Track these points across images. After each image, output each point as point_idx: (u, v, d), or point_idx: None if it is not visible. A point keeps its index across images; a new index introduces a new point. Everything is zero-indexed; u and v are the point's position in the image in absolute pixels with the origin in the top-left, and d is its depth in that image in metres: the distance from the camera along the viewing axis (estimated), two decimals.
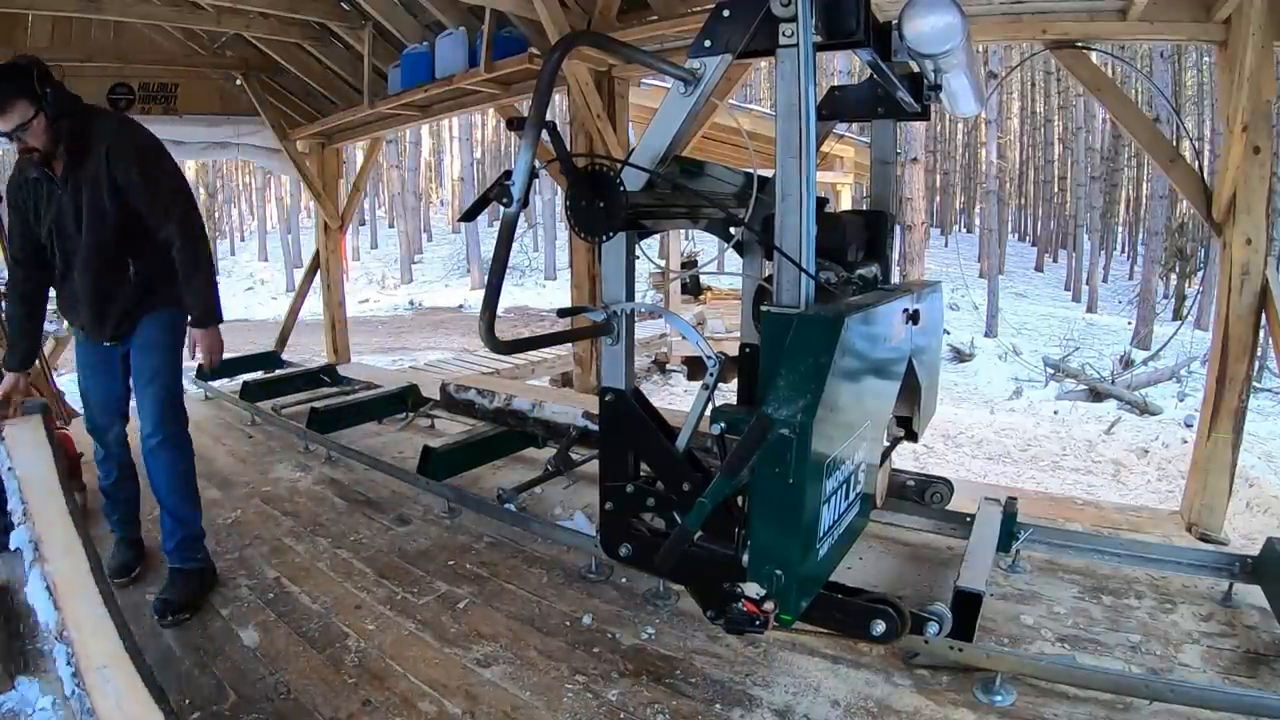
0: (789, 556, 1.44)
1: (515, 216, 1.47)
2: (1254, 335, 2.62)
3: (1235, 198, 2.57)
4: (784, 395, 1.42)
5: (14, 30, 4.91)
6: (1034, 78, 26.69)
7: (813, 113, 1.51)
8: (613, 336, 1.86)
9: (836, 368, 1.44)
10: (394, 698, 1.82)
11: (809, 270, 1.55)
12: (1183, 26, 2.68)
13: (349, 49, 5.37)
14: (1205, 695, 1.68)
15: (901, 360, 2.04)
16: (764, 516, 1.45)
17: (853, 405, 1.60)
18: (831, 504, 1.57)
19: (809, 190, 1.55)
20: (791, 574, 1.44)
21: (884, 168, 2.52)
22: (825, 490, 1.51)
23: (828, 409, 1.43)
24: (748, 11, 1.56)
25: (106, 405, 2.43)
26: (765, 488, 1.43)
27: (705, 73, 1.68)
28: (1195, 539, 2.67)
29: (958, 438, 6.53)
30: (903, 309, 1.99)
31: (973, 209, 30.77)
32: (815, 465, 1.43)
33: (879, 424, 1.91)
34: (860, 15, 1.57)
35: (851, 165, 10.15)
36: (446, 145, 32.79)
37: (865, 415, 1.70)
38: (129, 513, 2.56)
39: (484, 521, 2.88)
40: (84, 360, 2.42)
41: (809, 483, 1.41)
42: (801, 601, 1.52)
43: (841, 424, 1.54)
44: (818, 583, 1.64)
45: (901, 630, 1.70)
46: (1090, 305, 19.37)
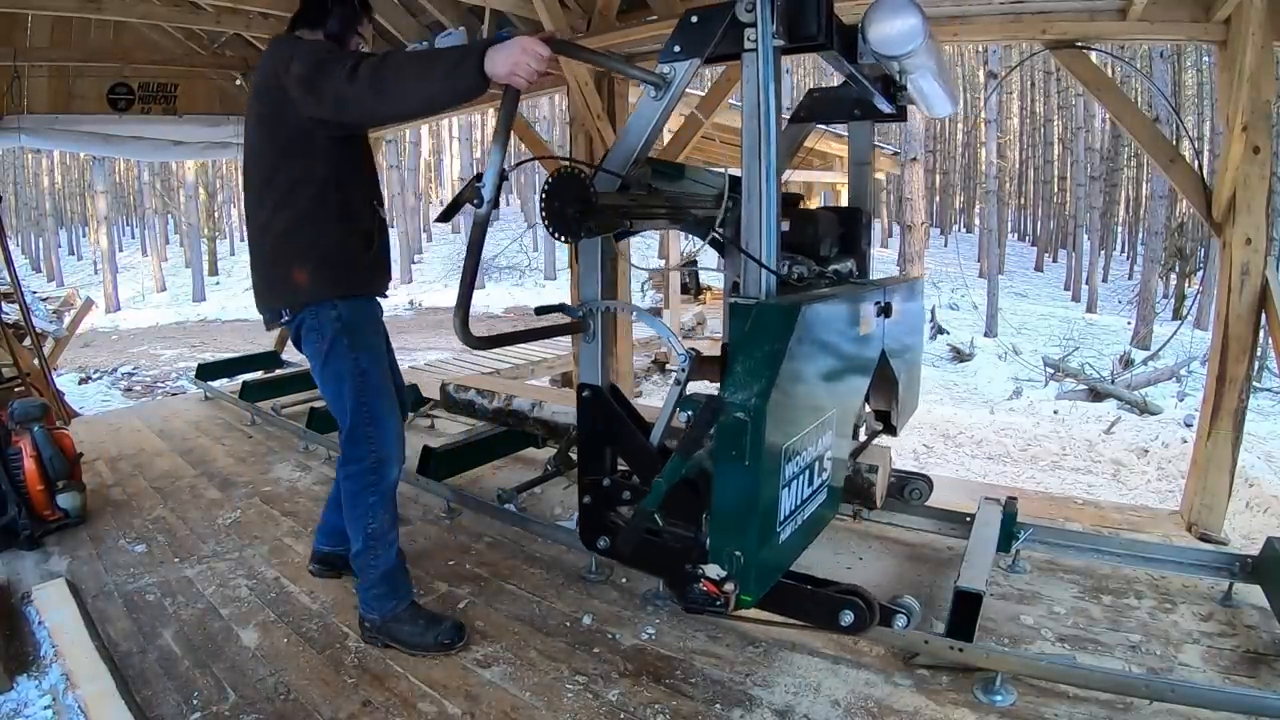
0: (747, 538, 1.48)
1: (486, 216, 1.53)
2: (1254, 335, 2.62)
3: (1235, 197, 2.57)
4: (740, 380, 1.46)
5: (14, 30, 4.91)
6: (1034, 78, 26.70)
7: (773, 115, 1.58)
8: (589, 334, 1.93)
9: (792, 355, 1.49)
10: (394, 698, 1.82)
11: (768, 265, 1.62)
12: (1182, 26, 2.68)
13: None
14: (1205, 695, 1.68)
15: (872, 353, 2.09)
16: (723, 499, 1.49)
17: (813, 393, 1.65)
18: (792, 490, 1.60)
19: (769, 188, 1.61)
20: (750, 556, 1.48)
21: (861, 167, 2.61)
22: (784, 475, 1.54)
23: (784, 395, 1.47)
24: (714, 18, 1.63)
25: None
26: (723, 470, 1.47)
27: (675, 77, 1.75)
28: (1195, 539, 2.68)
29: (958, 437, 6.52)
30: (873, 302, 2.04)
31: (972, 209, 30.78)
32: (772, 450, 1.47)
33: (847, 415, 1.96)
34: (822, 20, 1.61)
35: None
36: (446, 145, 32.79)
37: (828, 404, 1.74)
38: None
39: (484, 521, 2.89)
40: (381, 340, 2.07)
41: (765, 466, 1.45)
42: (762, 583, 1.57)
43: (800, 411, 1.59)
44: (780, 567, 1.68)
45: (870, 622, 1.77)
46: (1090, 305, 19.37)
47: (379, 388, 1.99)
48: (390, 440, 2.00)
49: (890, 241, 27.34)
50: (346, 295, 1.94)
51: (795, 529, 1.67)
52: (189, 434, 4.26)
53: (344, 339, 1.93)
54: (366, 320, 1.99)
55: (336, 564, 2.35)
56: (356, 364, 1.95)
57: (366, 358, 1.96)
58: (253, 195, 1.95)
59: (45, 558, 2.64)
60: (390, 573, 2.02)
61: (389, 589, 2.02)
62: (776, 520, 1.56)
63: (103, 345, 13.81)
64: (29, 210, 31.19)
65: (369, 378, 1.96)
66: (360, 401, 1.96)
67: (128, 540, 2.76)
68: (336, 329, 1.93)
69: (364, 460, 1.98)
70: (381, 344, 2.07)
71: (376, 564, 2.00)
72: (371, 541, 1.99)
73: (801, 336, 1.53)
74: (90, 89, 5.30)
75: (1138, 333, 14.05)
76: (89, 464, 3.47)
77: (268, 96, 1.86)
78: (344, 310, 1.93)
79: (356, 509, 2.00)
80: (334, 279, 1.92)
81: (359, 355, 1.95)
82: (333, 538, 2.31)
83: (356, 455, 1.99)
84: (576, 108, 4.14)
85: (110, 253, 21.60)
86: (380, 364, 2.02)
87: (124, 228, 34.27)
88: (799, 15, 1.60)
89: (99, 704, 1.72)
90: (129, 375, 10.75)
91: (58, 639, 2.01)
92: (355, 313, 1.95)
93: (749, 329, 1.53)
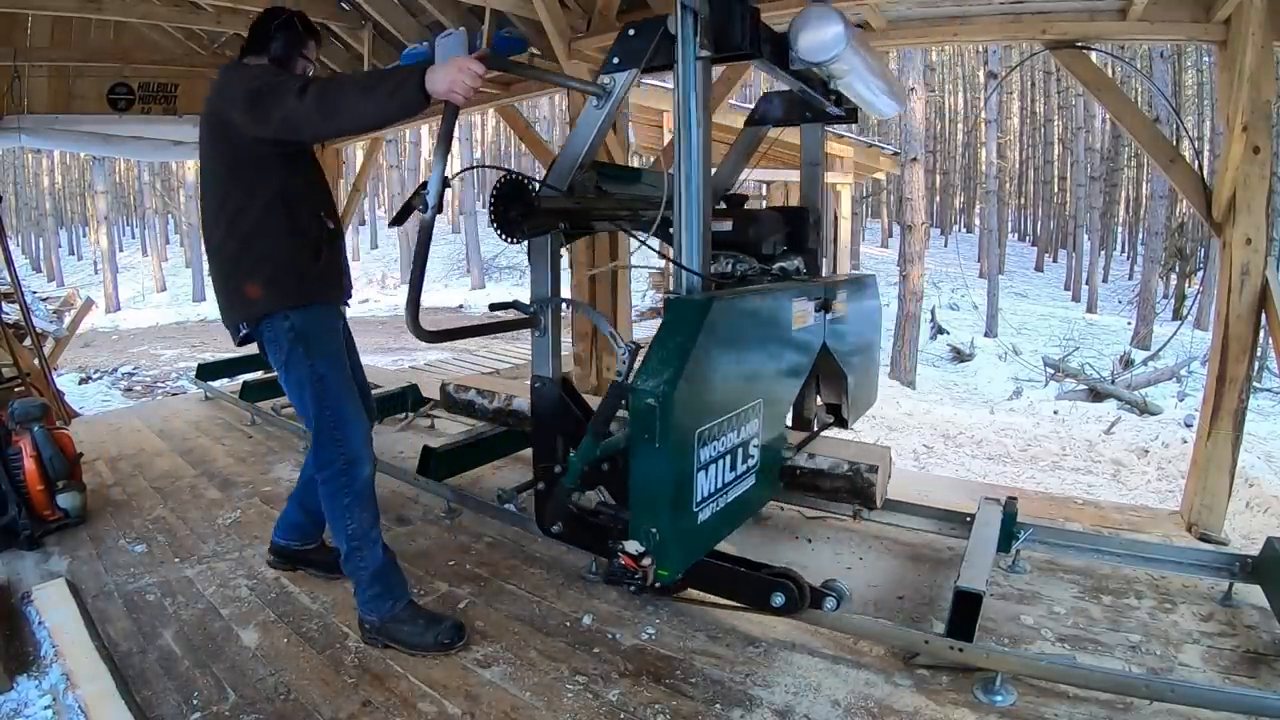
0: (661, 516, 1.58)
1: (431, 221, 1.66)
2: (1254, 335, 2.62)
3: (1235, 197, 2.57)
4: (652, 368, 1.57)
5: (14, 30, 4.91)
6: (1034, 78, 26.69)
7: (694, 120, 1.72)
8: (540, 329, 2.05)
9: (703, 347, 1.60)
10: (394, 698, 1.82)
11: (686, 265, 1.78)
12: (1182, 26, 2.68)
13: (349, 49, 5.36)
14: (1205, 695, 1.68)
15: (809, 347, 2.19)
16: (638, 478, 1.59)
17: (729, 383, 1.74)
18: (710, 473, 1.69)
19: (695, 192, 1.75)
20: (665, 533, 1.59)
21: (812, 169, 2.72)
22: (699, 459, 1.64)
23: (695, 383, 1.59)
24: (649, 31, 1.78)
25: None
26: (637, 452, 1.57)
27: (615, 87, 1.89)
28: (1195, 539, 2.68)
29: (958, 437, 6.52)
30: (810, 299, 2.14)
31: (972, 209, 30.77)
32: (682, 433, 1.58)
33: (777, 405, 2.05)
34: (746, 31, 1.76)
35: (851, 165, 10.15)
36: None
37: (751, 394, 1.84)
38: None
39: (484, 521, 2.89)
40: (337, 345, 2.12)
41: (676, 449, 1.56)
42: (679, 561, 1.67)
43: (715, 399, 1.68)
44: (700, 546, 1.77)
45: (801, 604, 1.88)
46: (1090, 305, 19.37)
47: (339, 392, 2.04)
48: (357, 441, 2.04)
49: (890, 241, 27.34)
50: (298, 305, 2.00)
51: (717, 511, 1.76)
52: (189, 434, 4.26)
53: (299, 348, 2.00)
54: (321, 328, 2.05)
55: (292, 558, 2.40)
56: (314, 370, 2.01)
57: (324, 364, 2.02)
58: (208, 216, 2.05)
59: (45, 558, 2.64)
60: (380, 572, 2.04)
61: (383, 589, 2.03)
62: (692, 501, 1.65)
63: (103, 345, 13.81)
64: (29, 210, 31.19)
65: (328, 383, 2.02)
66: (322, 406, 2.02)
67: (128, 540, 2.76)
68: (291, 339, 1.99)
69: (334, 464, 2.02)
70: (339, 349, 2.11)
71: (365, 565, 2.03)
72: (355, 543, 2.02)
73: (712, 330, 1.64)
74: (90, 89, 5.30)
75: (1138, 333, 14.06)
76: (89, 464, 3.46)
77: (215, 120, 1.96)
78: (297, 320, 2.00)
79: (334, 512, 2.04)
80: (285, 291, 1.99)
81: (315, 362, 2.01)
82: (289, 532, 2.37)
83: (327, 460, 2.03)
84: (576, 107, 4.14)
85: (110, 253, 21.60)
86: (339, 369, 2.07)
87: (124, 228, 34.27)
88: (725, 28, 1.73)
89: (99, 704, 1.72)
90: (129, 375, 10.75)
91: (58, 639, 2.01)
92: (309, 321, 2.02)
93: (664, 321, 1.66)
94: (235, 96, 1.87)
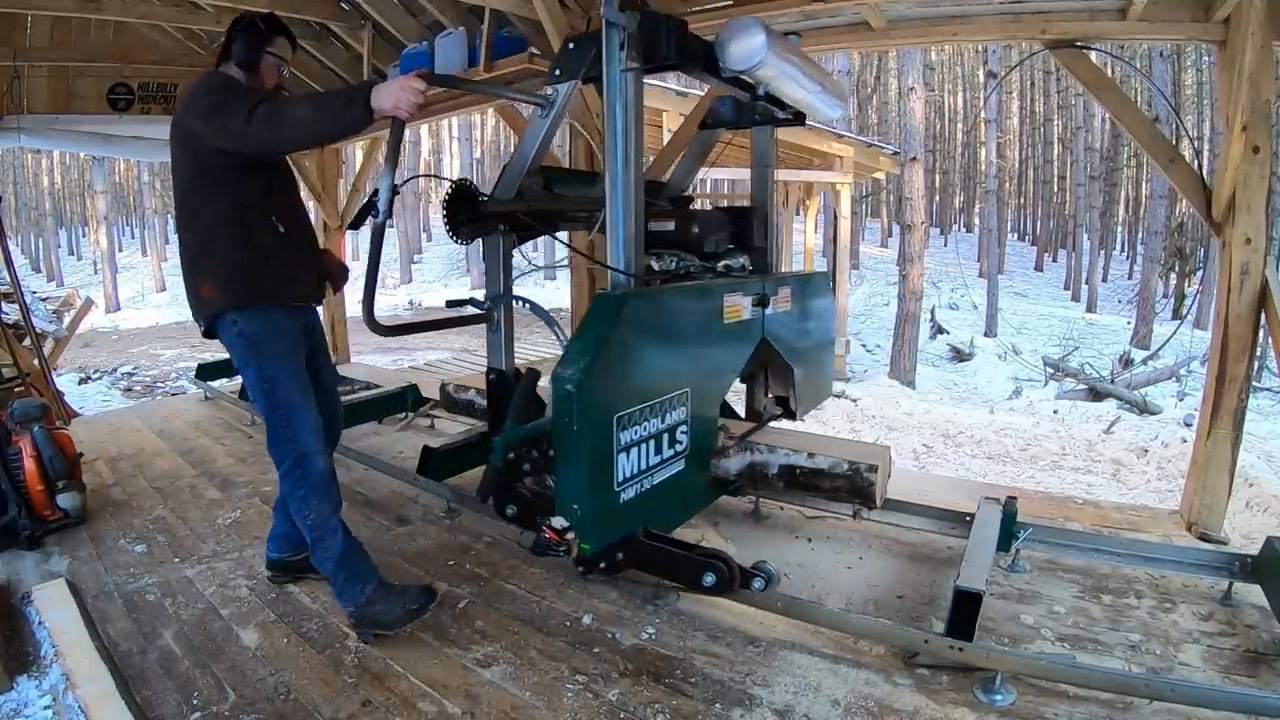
0: (581, 493, 1.71)
1: (382, 226, 1.82)
2: (1253, 334, 2.62)
3: (1235, 197, 2.57)
4: (571, 357, 1.70)
5: (14, 30, 4.91)
6: (1034, 77, 26.70)
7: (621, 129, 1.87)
8: (494, 324, 2.21)
9: (620, 337, 1.73)
10: (394, 697, 1.82)
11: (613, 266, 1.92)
12: (1182, 26, 2.68)
13: (349, 49, 5.36)
14: (1205, 694, 1.69)
15: (745, 339, 2.31)
16: (560, 458, 1.73)
17: (652, 371, 1.87)
18: (632, 455, 1.81)
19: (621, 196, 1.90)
20: (586, 509, 1.72)
21: (762, 170, 2.84)
22: (619, 441, 1.76)
23: (611, 371, 1.72)
24: (586, 45, 1.94)
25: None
26: (559, 434, 1.71)
27: (557, 97, 2.06)
28: (1195, 538, 2.68)
29: (957, 437, 6.53)
30: (746, 294, 2.27)
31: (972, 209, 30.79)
32: (600, 417, 1.71)
33: (708, 394, 2.17)
34: (672, 43, 1.91)
35: (851, 165, 10.15)
36: (446, 145, 32.78)
37: (676, 383, 1.97)
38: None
39: (484, 521, 2.88)
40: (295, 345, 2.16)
41: (593, 431, 1.69)
42: (600, 535, 1.79)
43: (635, 385, 1.81)
44: (622, 523, 1.87)
45: (731, 584, 1.99)
46: (1090, 305, 19.38)
47: (289, 390, 2.09)
48: (308, 437, 2.09)
49: (890, 241, 27.35)
50: (244, 307, 2.05)
51: (642, 491, 1.88)
52: (189, 434, 4.26)
53: (248, 350, 2.07)
54: (269, 330, 2.08)
55: (288, 569, 2.41)
56: (262, 371, 2.07)
57: (272, 365, 2.07)
58: (177, 216, 2.14)
59: (45, 558, 2.64)
60: (344, 557, 2.09)
61: (350, 574, 2.08)
62: (614, 480, 1.77)
63: (103, 345, 13.81)
64: (29, 210, 31.19)
65: (277, 383, 2.07)
66: (273, 405, 2.08)
67: (128, 540, 2.76)
68: (240, 341, 2.06)
69: (287, 459, 2.09)
70: (288, 350, 2.13)
71: (329, 553, 2.09)
72: (316, 533, 2.09)
73: (629, 323, 1.78)
74: (90, 89, 5.30)
75: (1137, 332, 14.06)
76: (89, 464, 3.47)
77: (181, 128, 2.02)
78: (244, 323, 2.05)
79: (294, 505, 2.11)
80: (231, 293, 2.05)
81: (263, 363, 2.07)
82: (279, 544, 2.39)
83: (281, 455, 2.10)
84: (575, 106, 4.14)
85: (110, 253, 21.60)
86: (288, 370, 2.10)
87: (124, 228, 34.27)
88: (653, 40, 1.89)
89: (99, 704, 1.72)
90: (129, 375, 10.75)
91: (58, 639, 2.01)
92: (256, 324, 2.06)
93: (585, 315, 1.78)
94: (196, 108, 1.95)
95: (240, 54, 2.10)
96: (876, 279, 20.97)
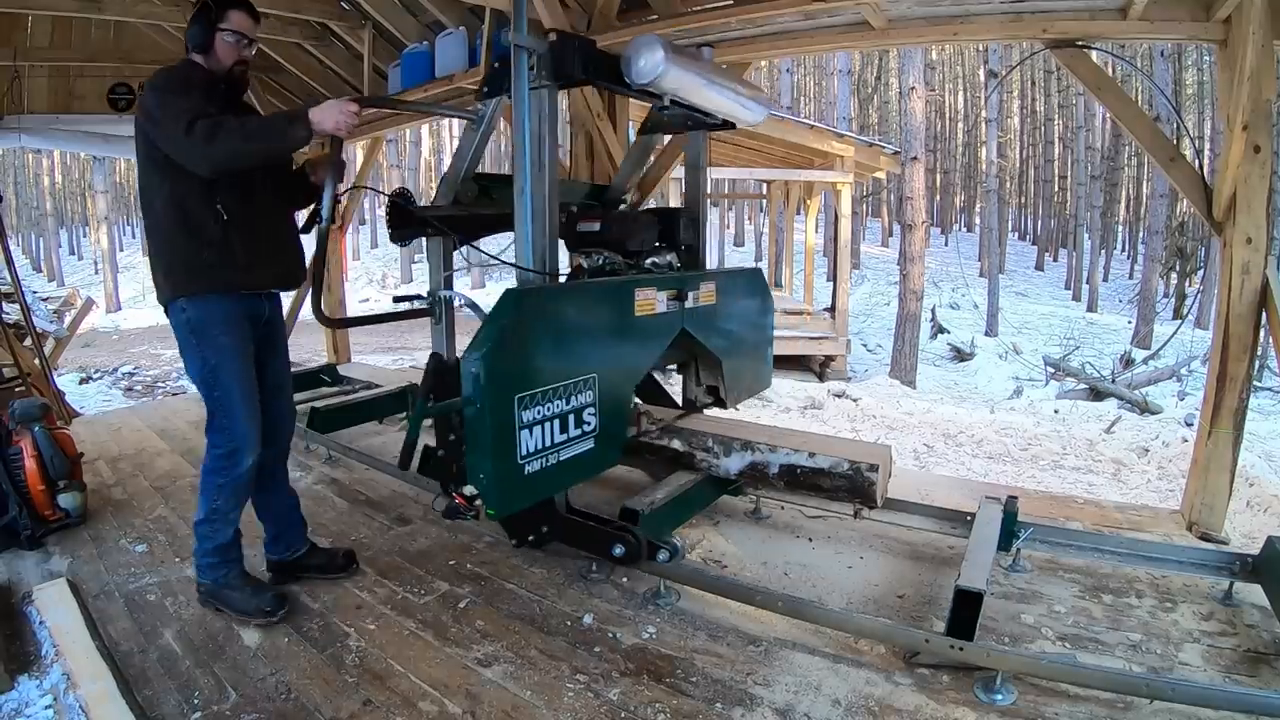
0: (486, 464, 1.88)
1: (326, 231, 2.02)
2: (1254, 334, 2.62)
3: (1235, 197, 2.57)
4: (477, 344, 1.87)
5: (14, 30, 4.91)
6: (1034, 77, 26.69)
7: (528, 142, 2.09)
8: (436, 318, 2.40)
9: (519, 327, 1.94)
10: (394, 697, 1.82)
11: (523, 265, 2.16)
12: (1183, 26, 2.68)
13: (349, 49, 5.37)
14: (1206, 694, 1.69)
15: (661, 331, 2.48)
16: (468, 432, 1.90)
17: (554, 357, 2.05)
18: (535, 433, 1.98)
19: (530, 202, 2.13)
20: (490, 479, 1.89)
21: (694, 172, 3.03)
22: (521, 419, 1.94)
23: (511, 356, 1.91)
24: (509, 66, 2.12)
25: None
26: (466, 411, 1.89)
27: (486, 113, 2.32)
28: (1196, 538, 2.68)
29: (958, 437, 6.52)
30: (662, 289, 2.45)
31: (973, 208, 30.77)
32: (501, 396, 1.88)
33: (619, 379, 2.33)
34: (579, 62, 2.12)
35: (852, 164, 10.15)
36: (446, 145, 32.77)
37: (583, 368, 2.14)
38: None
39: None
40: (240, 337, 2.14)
41: (496, 409, 1.87)
42: (505, 503, 1.96)
43: (536, 370, 1.99)
44: (528, 493, 2.04)
45: (639, 555, 2.21)
46: (1090, 304, 19.37)
47: (230, 382, 2.11)
48: (242, 431, 2.12)
49: (891, 241, 27.34)
50: (191, 295, 2.07)
51: (548, 465, 2.04)
52: (189, 434, 4.26)
53: (193, 338, 2.09)
54: (214, 319, 2.09)
55: (288, 569, 2.42)
56: (205, 361, 2.10)
57: (214, 355, 2.09)
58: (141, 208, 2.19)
59: (46, 558, 2.64)
60: (225, 547, 2.20)
61: (221, 560, 2.19)
62: (516, 454, 1.94)
63: (103, 345, 13.81)
64: (29, 210, 31.21)
65: (219, 373, 2.10)
66: (212, 394, 2.11)
67: (128, 540, 2.77)
68: (186, 328, 2.09)
69: (220, 447, 2.13)
70: (232, 342, 2.12)
71: (214, 537, 2.17)
72: (213, 516, 2.16)
73: (528, 314, 1.97)
74: (90, 89, 5.31)
75: (1138, 332, 14.06)
76: (90, 464, 3.47)
77: (138, 123, 2.05)
78: (191, 311, 2.08)
79: (207, 486, 2.16)
80: (178, 281, 2.08)
81: (206, 353, 2.09)
82: (273, 546, 2.42)
83: (213, 442, 2.15)
84: (577, 108, 4.14)
85: (110, 252, 21.59)
86: (232, 359, 2.11)
87: (124, 227, 34.26)
88: (562, 60, 2.11)
89: (100, 704, 1.73)
90: (129, 375, 10.75)
91: (58, 639, 2.02)
92: (202, 313, 2.08)
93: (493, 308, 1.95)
94: (144, 103, 2.00)
95: (194, 38, 2.10)
96: (877, 278, 20.96)
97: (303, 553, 2.43)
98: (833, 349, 10.07)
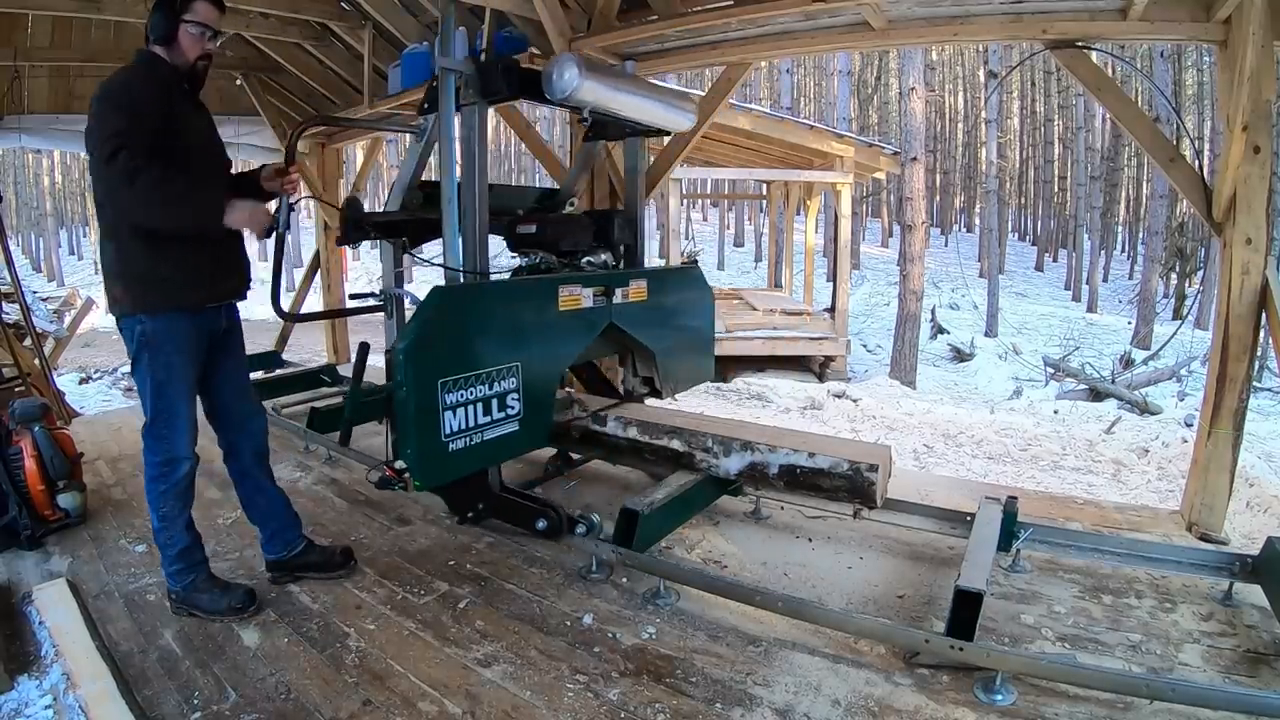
0: (411, 441, 2.09)
1: (283, 236, 2.16)
2: (1254, 334, 2.62)
3: (1235, 197, 2.57)
4: (404, 334, 2.10)
5: (14, 30, 4.91)
6: (1034, 77, 26.67)
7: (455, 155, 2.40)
8: (389, 314, 2.61)
9: (441, 319, 2.14)
10: (394, 697, 1.82)
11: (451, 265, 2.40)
12: (1183, 26, 2.68)
13: (349, 49, 5.36)
14: (1206, 694, 1.69)
15: (588, 325, 2.64)
16: (395, 413, 2.10)
17: (476, 347, 2.24)
18: (459, 414, 2.19)
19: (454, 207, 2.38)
20: (416, 454, 2.10)
21: (632, 175, 3.23)
22: (445, 401, 2.14)
23: (433, 345, 2.11)
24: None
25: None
26: (394, 394, 2.08)
27: (427, 126, 2.56)
28: (1195, 538, 2.68)
29: (958, 437, 6.52)
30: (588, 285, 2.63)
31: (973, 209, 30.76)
32: (425, 380, 2.09)
33: (543, 369, 2.50)
34: (502, 81, 2.39)
35: (851, 165, 10.15)
36: None
37: (506, 357, 2.33)
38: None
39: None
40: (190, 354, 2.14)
41: (420, 392, 2.08)
42: (430, 476, 2.17)
43: (458, 358, 2.18)
44: (452, 469, 2.23)
45: (561, 530, 2.44)
46: (1090, 305, 19.37)
47: (174, 399, 2.13)
48: (181, 443, 2.15)
49: (890, 241, 27.34)
50: (151, 312, 2.05)
51: (472, 444, 2.25)
52: None
53: (144, 353, 2.08)
54: (168, 336, 2.08)
55: (286, 568, 2.42)
56: (154, 376, 2.10)
57: (164, 372, 2.10)
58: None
59: (46, 558, 2.64)
60: (185, 551, 2.21)
61: (186, 565, 2.21)
62: (440, 433, 2.14)
63: (103, 345, 13.77)
64: (29, 210, 31.19)
65: (164, 389, 2.11)
66: (157, 407, 2.12)
67: (128, 540, 2.77)
68: (140, 341, 2.07)
69: (157, 455, 2.15)
70: (183, 360, 2.12)
71: (172, 543, 2.19)
72: (164, 522, 2.19)
73: (448, 308, 2.17)
74: (90, 89, 5.24)
75: (1138, 332, 14.06)
76: (89, 464, 3.47)
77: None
78: (149, 326, 2.06)
79: (151, 494, 2.18)
80: (137, 297, 2.06)
81: (155, 369, 2.09)
82: (269, 545, 2.42)
83: (152, 449, 2.15)
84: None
85: None
86: (180, 381, 2.13)
87: None
88: (488, 78, 2.40)
89: (99, 704, 1.73)
90: (129, 375, 10.73)
91: (58, 639, 2.02)
92: (158, 329, 2.07)
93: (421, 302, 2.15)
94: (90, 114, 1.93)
95: (156, 28, 2.03)
96: (877, 279, 20.96)
97: (300, 549, 2.42)
98: (832, 349, 10.07)
